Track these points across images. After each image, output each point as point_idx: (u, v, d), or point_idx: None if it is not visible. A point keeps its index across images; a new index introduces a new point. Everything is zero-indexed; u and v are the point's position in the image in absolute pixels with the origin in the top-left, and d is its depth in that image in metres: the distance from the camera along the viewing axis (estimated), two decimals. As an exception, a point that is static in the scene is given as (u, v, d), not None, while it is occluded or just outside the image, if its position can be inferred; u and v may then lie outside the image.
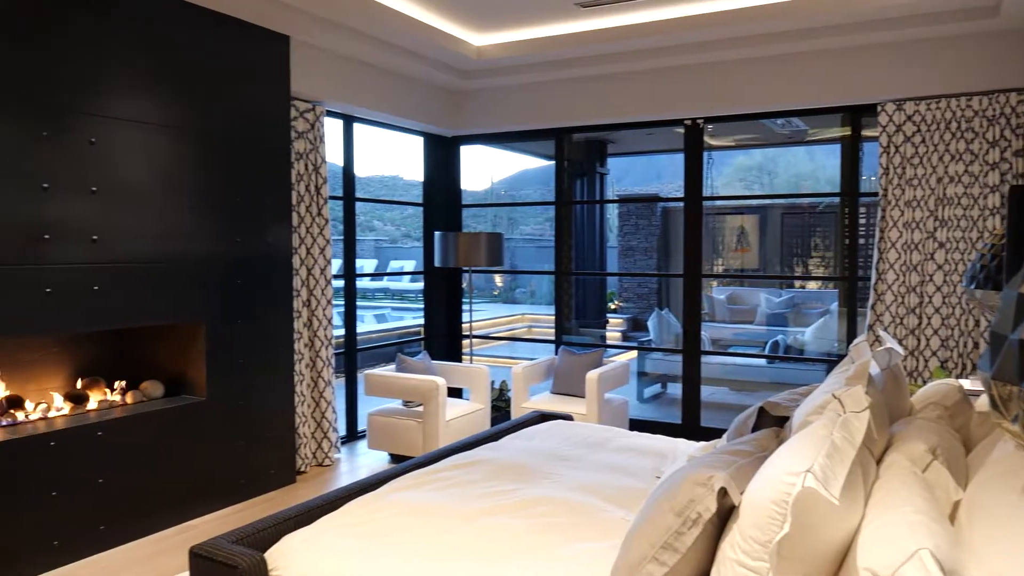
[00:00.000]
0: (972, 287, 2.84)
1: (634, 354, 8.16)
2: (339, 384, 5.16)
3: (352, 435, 5.51)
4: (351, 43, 4.63)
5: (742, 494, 1.60)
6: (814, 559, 1.49)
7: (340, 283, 5.31)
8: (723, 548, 1.60)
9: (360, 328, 6.22)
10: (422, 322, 6.49)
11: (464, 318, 6.47)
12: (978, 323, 4.34)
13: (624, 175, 15.36)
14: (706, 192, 5.40)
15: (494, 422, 5.35)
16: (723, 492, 1.63)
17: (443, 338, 6.43)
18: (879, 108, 4.57)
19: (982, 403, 2.46)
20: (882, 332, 2.99)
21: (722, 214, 11.13)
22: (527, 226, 17.73)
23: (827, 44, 4.59)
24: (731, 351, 8.35)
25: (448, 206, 6.35)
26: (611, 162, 9.67)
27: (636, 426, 5.47)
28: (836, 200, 9.23)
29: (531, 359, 5.43)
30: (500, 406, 5.63)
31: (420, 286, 8.78)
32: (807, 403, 1.96)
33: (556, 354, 5.52)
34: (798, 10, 4.21)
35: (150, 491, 3.64)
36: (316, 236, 4.72)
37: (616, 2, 4.39)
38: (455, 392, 5.77)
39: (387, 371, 5.04)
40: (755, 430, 2.49)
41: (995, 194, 4.26)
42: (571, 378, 5.20)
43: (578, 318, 9.25)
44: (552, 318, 6.51)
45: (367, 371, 5.03)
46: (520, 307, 14.90)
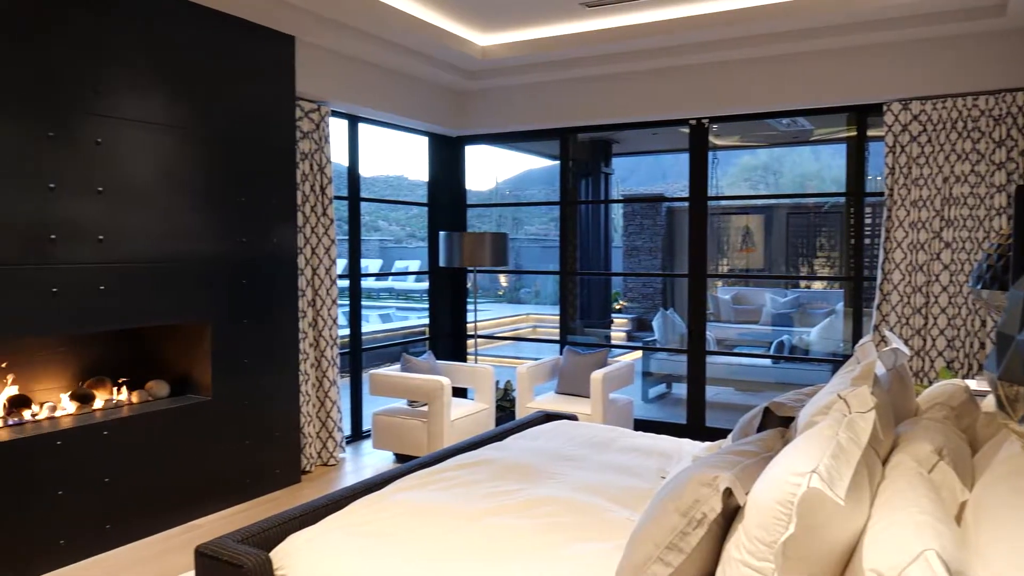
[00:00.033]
0: (978, 287, 2.83)
1: (639, 354, 8.14)
2: (344, 384, 5.17)
3: (357, 435, 5.52)
4: (356, 43, 4.64)
5: (747, 494, 1.60)
6: (819, 560, 1.48)
7: (345, 283, 5.32)
8: (728, 548, 1.60)
9: (365, 328, 6.23)
10: (427, 322, 6.50)
11: (469, 318, 6.49)
12: (984, 323, 4.33)
13: (629, 175, 15.34)
14: (711, 192, 5.39)
15: (499, 422, 5.35)
16: (728, 492, 1.63)
17: (448, 338, 6.44)
18: (885, 108, 4.55)
19: (988, 403, 2.46)
20: (888, 332, 2.98)
21: (727, 214, 11.11)
22: (532, 226, 17.73)
23: (833, 44, 4.58)
24: (736, 351, 8.32)
25: (453, 206, 6.36)
26: (616, 162, 9.67)
27: (641, 426, 5.47)
28: (841, 200, 9.21)
29: (536, 359, 5.43)
30: (505, 406, 5.63)
31: (425, 286, 8.78)
32: (812, 403, 1.95)
33: (561, 354, 5.51)
34: (804, 10, 4.20)
35: (156, 490, 3.65)
36: (321, 236, 4.73)
37: (621, 1, 4.39)
38: (460, 392, 5.77)
39: (392, 371, 5.05)
40: (760, 430, 2.48)
41: (1001, 194, 4.25)
42: (576, 378, 5.20)
43: (583, 318, 9.25)
44: (557, 318, 6.51)
45: (372, 371, 5.03)
46: (525, 307, 14.89)
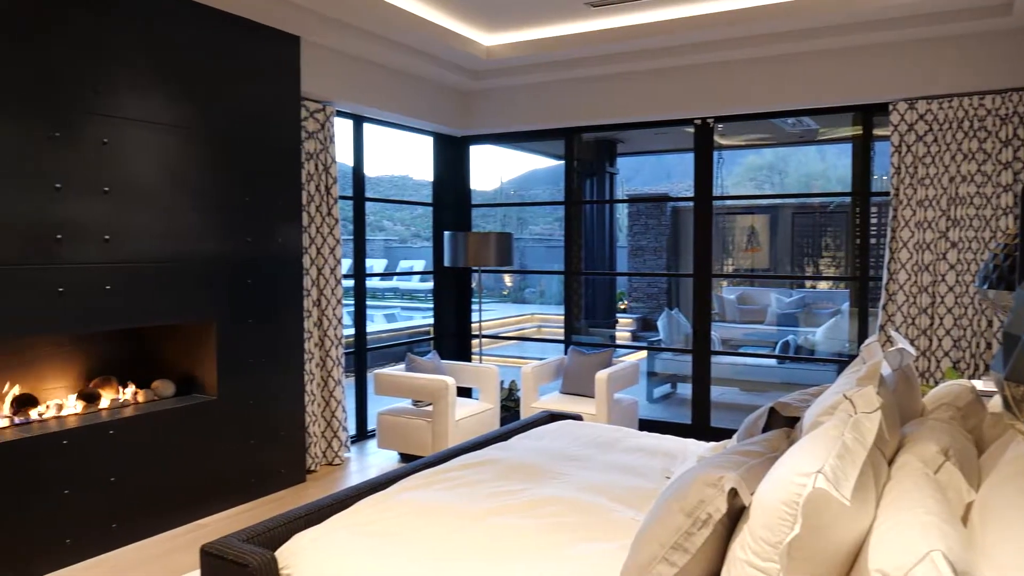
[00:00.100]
0: (985, 287, 2.81)
1: (644, 354, 8.13)
2: (349, 383, 5.18)
3: (362, 434, 5.52)
4: (361, 43, 4.65)
5: (752, 495, 1.59)
6: (825, 560, 1.48)
7: (350, 283, 5.33)
8: (733, 549, 1.59)
9: (370, 328, 6.23)
10: (432, 322, 6.50)
11: (473, 318, 6.48)
12: (991, 323, 4.31)
13: (634, 175, 15.32)
14: (716, 192, 5.39)
15: (503, 422, 5.35)
16: (733, 493, 1.63)
17: (452, 338, 6.44)
18: (891, 107, 4.54)
19: (995, 404, 2.44)
20: (893, 332, 2.97)
21: (732, 214, 11.09)
22: (536, 226, 17.72)
23: (839, 43, 4.57)
24: (741, 351, 8.30)
25: (457, 206, 6.36)
26: (621, 162, 9.65)
27: (646, 426, 5.47)
28: (847, 200, 9.18)
29: (540, 359, 5.43)
30: (509, 406, 5.63)
31: (430, 286, 8.80)
32: (818, 404, 1.95)
33: (565, 354, 5.51)
34: (806, 10, 4.19)
35: (161, 489, 3.66)
36: (326, 236, 4.74)
37: (626, 1, 4.38)
38: (464, 392, 5.78)
39: (397, 371, 5.05)
40: (766, 430, 2.48)
41: (1008, 193, 4.23)
42: (581, 378, 5.19)
43: (588, 318, 9.23)
44: (562, 318, 6.51)
45: (377, 370, 5.04)
46: (529, 307, 14.89)
